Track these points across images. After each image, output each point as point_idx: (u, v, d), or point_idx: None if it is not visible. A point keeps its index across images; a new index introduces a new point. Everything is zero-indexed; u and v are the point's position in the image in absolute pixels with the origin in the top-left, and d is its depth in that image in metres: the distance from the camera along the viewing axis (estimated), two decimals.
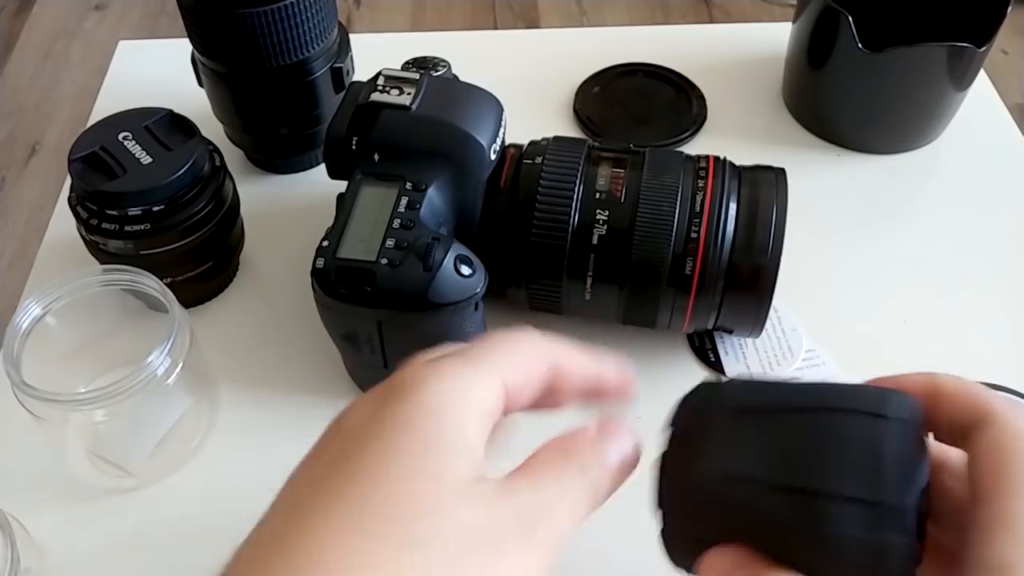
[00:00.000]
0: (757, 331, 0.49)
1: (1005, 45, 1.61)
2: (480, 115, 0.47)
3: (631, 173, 0.47)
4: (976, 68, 0.61)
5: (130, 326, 0.50)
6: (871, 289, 0.57)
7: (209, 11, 0.53)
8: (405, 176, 0.45)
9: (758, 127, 0.67)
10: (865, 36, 0.59)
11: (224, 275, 0.56)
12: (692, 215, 0.46)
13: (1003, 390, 0.49)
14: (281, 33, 0.53)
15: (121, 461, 0.48)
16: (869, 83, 0.61)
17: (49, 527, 0.45)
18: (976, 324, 0.55)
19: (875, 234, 0.60)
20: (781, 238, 0.46)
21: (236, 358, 0.53)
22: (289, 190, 0.62)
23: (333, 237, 0.44)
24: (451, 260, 0.43)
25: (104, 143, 0.50)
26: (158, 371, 0.43)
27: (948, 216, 0.61)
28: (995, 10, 0.60)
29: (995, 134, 0.67)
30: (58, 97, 1.65)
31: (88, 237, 0.50)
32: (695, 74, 0.69)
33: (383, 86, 0.47)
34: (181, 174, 0.49)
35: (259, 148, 0.62)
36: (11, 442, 0.49)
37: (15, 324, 0.44)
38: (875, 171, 0.64)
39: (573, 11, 1.81)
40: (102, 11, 1.83)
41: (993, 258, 0.59)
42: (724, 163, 0.48)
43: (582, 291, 0.48)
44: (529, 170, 0.48)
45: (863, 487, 0.25)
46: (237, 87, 0.57)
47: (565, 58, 0.71)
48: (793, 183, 0.48)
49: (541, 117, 0.67)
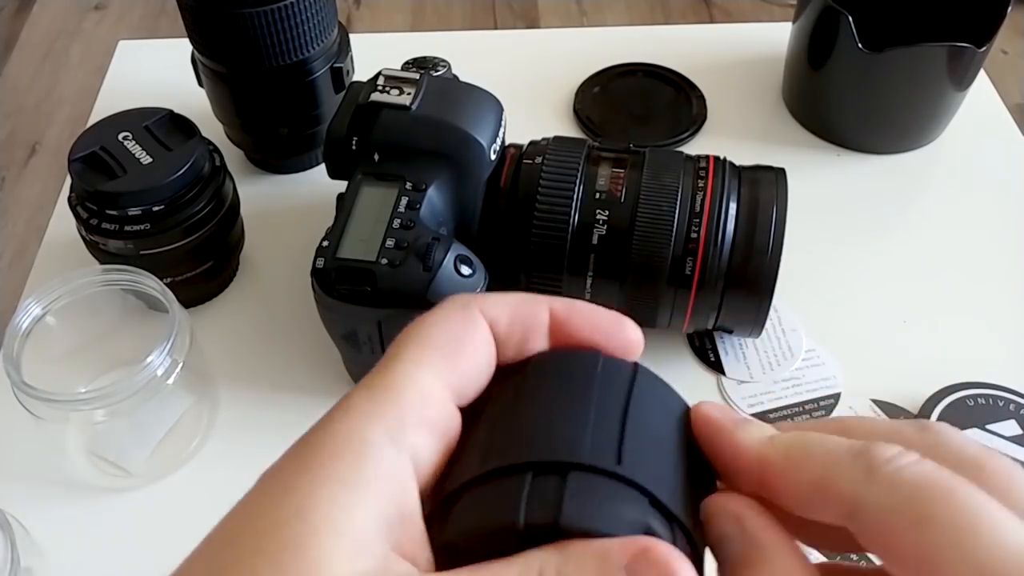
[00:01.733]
0: (757, 331, 0.49)
1: (1005, 45, 1.61)
2: (480, 115, 0.47)
3: (631, 173, 0.47)
4: (976, 68, 0.61)
5: (130, 326, 0.50)
6: (871, 289, 0.57)
7: (209, 11, 0.53)
8: (405, 176, 0.45)
9: (758, 127, 0.67)
10: (865, 36, 0.59)
11: (224, 275, 0.56)
12: (692, 215, 0.46)
13: (1003, 390, 0.49)
14: (281, 33, 0.53)
15: (121, 461, 0.48)
16: (869, 83, 0.61)
17: (49, 527, 0.45)
18: (976, 324, 0.55)
19: (875, 234, 0.60)
20: (781, 238, 0.46)
21: (236, 358, 0.53)
22: (289, 190, 0.62)
23: (333, 237, 0.44)
24: (451, 260, 0.43)
25: (104, 143, 0.50)
26: (158, 371, 0.43)
27: (948, 216, 0.61)
28: (995, 10, 0.60)
29: (995, 134, 0.67)
30: (58, 97, 1.65)
31: (88, 237, 0.50)
32: (695, 74, 0.69)
33: (383, 86, 0.47)
34: (181, 174, 0.49)
35: (259, 148, 0.62)
36: (11, 442, 0.49)
37: (15, 324, 0.44)
38: (875, 171, 0.64)
39: (573, 11, 1.81)
40: (102, 11, 1.83)
41: (993, 258, 0.59)
42: (724, 163, 0.48)
43: (582, 291, 0.48)
44: (529, 170, 0.48)
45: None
46: (237, 87, 0.57)
47: (565, 58, 0.71)
48: (793, 183, 0.48)
49: (541, 117, 0.67)
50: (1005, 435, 0.48)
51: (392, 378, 0.21)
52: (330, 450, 0.19)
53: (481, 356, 0.22)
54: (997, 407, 0.49)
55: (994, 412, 0.49)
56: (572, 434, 0.21)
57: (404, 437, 0.20)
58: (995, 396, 0.49)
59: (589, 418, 0.21)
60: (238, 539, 0.18)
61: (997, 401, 0.49)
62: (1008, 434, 0.48)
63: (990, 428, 0.48)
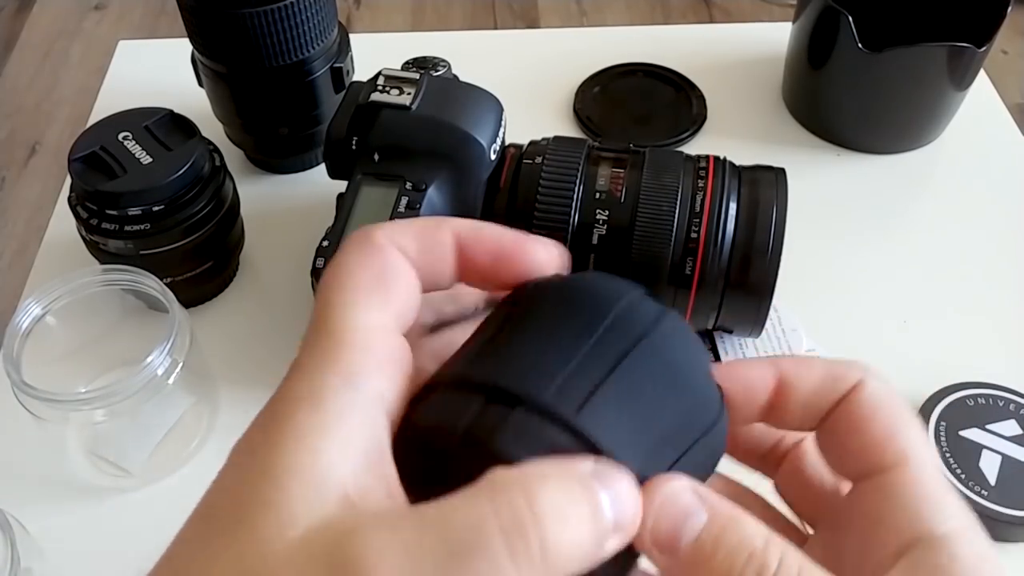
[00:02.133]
0: (757, 331, 0.49)
1: (1005, 45, 1.61)
2: (480, 115, 0.47)
3: (631, 173, 0.47)
4: (976, 68, 0.61)
5: (130, 326, 0.50)
6: (871, 289, 0.57)
7: (209, 11, 0.53)
8: (405, 176, 0.45)
9: (758, 127, 0.67)
10: (865, 36, 0.59)
11: (224, 275, 0.56)
12: (692, 215, 0.46)
13: (1003, 390, 0.49)
14: (281, 33, 0.53)
15: (121, 461, 0.48)
16: (869, 83, 0.61)
17: (49, 527, 0.45)
18: (976, 324, 0.55)
19: (875, 234, 0.60)
20: (781, 238, 0.46)
21: (236, 358, 0.53)
22: (289, 190, 0.62)
23: (333, 237, 0.44)
24: None
25: (104, 143, 0.50)
26: (158, 371, 0.43)
27: (948, 216, 0.61)
28: (995, 10, 0.60)
29: (995, 134, 0.67)
30: (58, 97, 1.65)
31: (88, 237, 0.50)
32: (695, 74, 0.69)
33: (383, 86, 0.47)
34: (181, 174, 0.49)
35: (259, 148, 0.62)
36: (11, 442, 0.49)
37: (15, 324, 0.44)
38: (875, 171, 0.64)
39: (573, 11, 1.81)
40: (102, 11, 1.83)
41: (993, 258, 0.59)
42: (724, 163, 0.48)
43: None
44: (529, 170, 0.48)
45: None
46: (237, 87, 0.57)
47: (565, 58, 0.71)
48: (793, 183, 0.48)
49: (541, 117, 0.67)
50: (1005, 435, 0.48)
51: (333, 326, 0.21)
52: (287, 408, 0.20)
53: (406, 282, 0.22)
54: (997, 407, 0.49)
55: (994, 412, 0.49)
56: (546, 370, 0.20)
57: (360, 379, 0.20)
58: (995, 396, 0.49)
59: (573, 358, 0.21)
60: (217, 511, 0.19)
61: (997, 401, 0.49)
62: (1008, 434, 0.48)
63: (990, 428, 0.48)
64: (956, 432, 0.48)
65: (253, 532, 0.18)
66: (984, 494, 0.45)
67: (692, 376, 0.22)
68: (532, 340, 0.21)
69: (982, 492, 0.46)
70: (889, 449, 0.22)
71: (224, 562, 0.18)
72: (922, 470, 0.22)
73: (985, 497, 0.45)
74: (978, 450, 0.47)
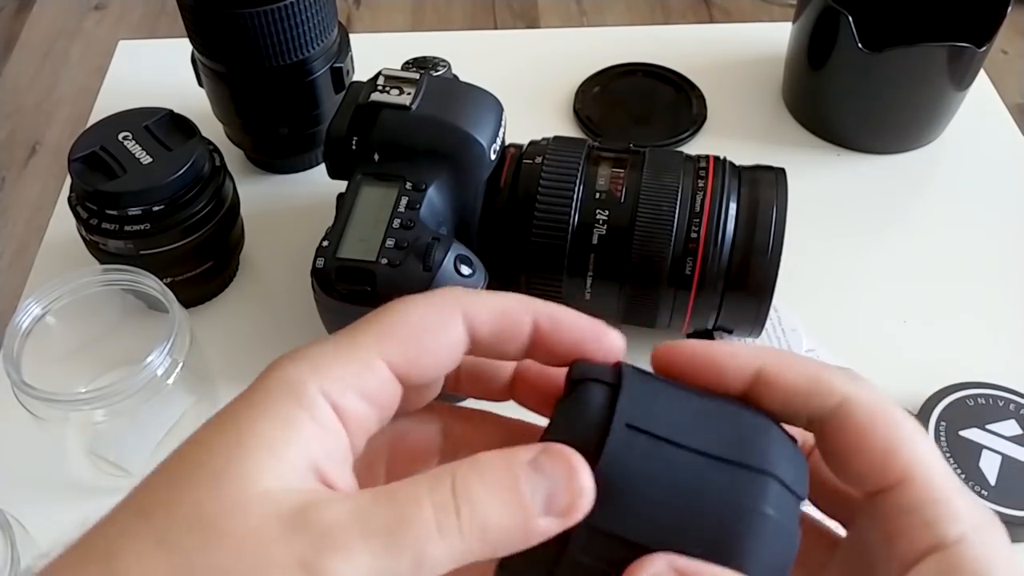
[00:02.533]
0: (757, 331, 0.49)
1: (1005, 45, 1.61)
2: (480, 115, 0.47)
3: (631, 173, 0.47)
4: (976, 68, 0.61)
5: (130, 326, 0.50)
6: (871, 289, 0.57)
7: (209, 11, 0.53)
8: (405, 176, 0.45)
9: (758, 127, 0.67)
10: (865, 36, 0.59)
11: (224, 275, 0.56)
12: (692, 215, 0.46)
13: (1003, 390, 0.49)
14: (281, 33, 0.53)
15: (121, 461, 0.48)
16: (869, 83, 0.61)
17: (49, 527, 0.45)
18: (976, 324, 0.55)
19: (875, 234, 0.60)
20: (781, 238, 0.46)
21: (236, 358, 0.53)
22: (289, 190, 0.62)
23: (333, 237, 0.44)
24: (451, 260, 0.43)
25: (104, 143, 0.50)
26: (158, 371, 0.43)
27: (948, 216, 0.61)
28: (995, 10, 0.60)
29: (995, 134, 0.67)
30: (58, 97, 1.65)
31: (88, 237, 0.50)
32: (695, 74, 0.69)
33: (383, 86, 0.47)
34: (181, 174, 0.49)
35: (259, 148, 0.62)
36: (11, 442, 0.49)
37: (15, 324, 0.44)
38: (875, 171, 0.64)
39: (573, 11, 1.81)
40: (102, 11, 1.83)
41: (993, 258, 0.59)
42: (724, 163, 0.48)
43: (582, 291, 0.48)
44: (529, 170, 0.48)
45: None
46: (237, 87, 0.57)
47: (565, 58, 0.71)
48: (793, 183, 0.48)
49: (541, 117, 0.67)
50: (1005, 435, 0.48)
51: (347, 349, 0.23)
52: (272, 394, 0.22)
53: (442, 354, 0.24)
54: (997, 407, 0.49)
55: (994, 412, 0.49)
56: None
57: (336, 398, 0.22)
58: (995, 396, 0.49)
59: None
60: (187, 457, 0.21)
61: (997, 401, 0.49)
62: (1008, 434, 0.48)
63: (990, 428, 0.48)
64: (956, 432, 0.48)
65: (216, 482, 0.20)
66: (984, 494, 0.45)
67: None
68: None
69: (982, 492, 0.46)
70: (891, 467, 0.22)
71: (186, 505, 0.20)
72: (929, 480, 0.22)
73: (985, 497, 0.45)
74: (978, 450, 0.47)
